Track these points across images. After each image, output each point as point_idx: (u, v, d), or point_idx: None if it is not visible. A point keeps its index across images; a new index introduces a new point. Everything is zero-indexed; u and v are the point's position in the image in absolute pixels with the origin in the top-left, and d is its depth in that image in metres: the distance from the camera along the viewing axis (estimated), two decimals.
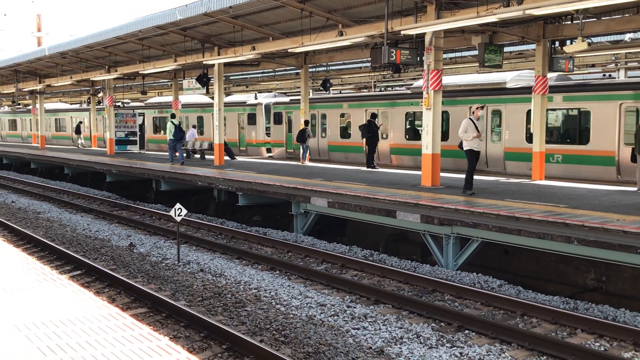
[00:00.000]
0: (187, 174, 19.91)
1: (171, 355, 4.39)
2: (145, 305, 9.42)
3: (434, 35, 15.03)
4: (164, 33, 21.14)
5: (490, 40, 16.28)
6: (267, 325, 8.51)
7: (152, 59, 25.64)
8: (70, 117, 47.70)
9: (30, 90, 39.63)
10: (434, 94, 15.32)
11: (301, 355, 7.44)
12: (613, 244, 9.25)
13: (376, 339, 8.05)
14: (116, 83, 32.83)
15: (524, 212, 11.04)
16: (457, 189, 14.88)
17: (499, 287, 10.56)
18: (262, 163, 24.89)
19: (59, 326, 4.98)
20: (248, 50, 20.62)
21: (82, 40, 25.07)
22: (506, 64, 23.77)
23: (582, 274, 10.98)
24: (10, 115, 56.02)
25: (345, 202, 13.77)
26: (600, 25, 15.44)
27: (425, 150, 15.66)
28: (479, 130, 13.71)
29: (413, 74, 29.38)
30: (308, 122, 24.06)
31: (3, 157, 36.22)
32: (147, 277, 11.33)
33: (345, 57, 22.75)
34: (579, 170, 18.71)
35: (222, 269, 11.72)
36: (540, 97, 16.81)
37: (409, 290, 10.44)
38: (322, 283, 10.90)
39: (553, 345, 7.67)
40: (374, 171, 20.49)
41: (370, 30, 16.10)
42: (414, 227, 12.36)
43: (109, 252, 13.43)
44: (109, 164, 25.14)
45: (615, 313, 9.19)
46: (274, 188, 16.07)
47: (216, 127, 23.79)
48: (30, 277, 6.53)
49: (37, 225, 16.74)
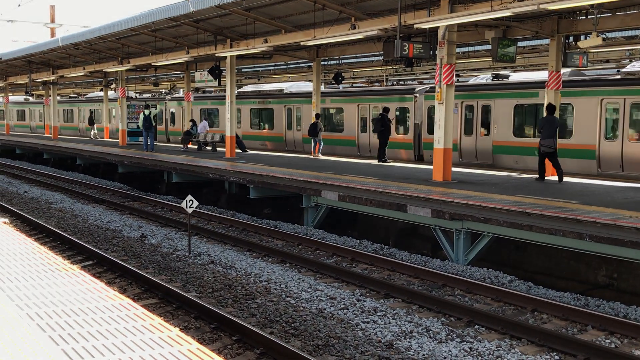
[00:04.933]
0: (199, 166, 19.97)
1: (182, 346, 4.41)
2: (156, 296, 9.48)
3: (447, 29, 14.96)
4: (177, 25, 21.16)
5: (503, 34, 16.18)
6: (277, 318, 8.54)
7: (164, 50, 25.68)
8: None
9: (44, 81, 39.84)
10: (446, 88, 15.26)
11: (311, 348, 7.47)
12: (625, 240, 9.20)
13: (386, 332, 8.06)
14: (129, 75, 32.92)
15: (536, 208, 11.00)
16: (469, 184, 14.84)
17: (509, 283, 10.54)
18: (273, 156, 24.91)
19: (71, 315, 5.02)
20: (260, 43, 20.61)
21: (95, 32, 25.14)
22: (519, 59, 23.72)
23: (594, 271, 10.93)
24: (19, 106, 56.33)
25: (356, 195, 13.76)
26: (615, 20, 15.30)
27: (437, 144, 15.61)
28: None
29: (425, 68, 29.27)
30: (319, 115, 24.05)
31: (16, 147, 36.47)
32: (158, 268, 11.39)
33: (357, 50, 22.69)
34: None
35: (233, 261, 11.76)
36: (554, 92, 16.71)
37: (419, 284, 10.44)
38: (332, 276, 10.92)
39: (563, 341, 7.65)
40: (385, 165, 20.46)
41: (383, 24, 16.05)
42: (424, 222, 12.34)
43: (120, 243, 13.51)
44: (121, 155, 25.25)
45: (626, 310, 9.15)
46: (285, 181, 16.08)
47: (228, 120, 23.81)
48: (43, 267, 6.58)
49: (50, 216, 16.86)
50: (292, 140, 29.94)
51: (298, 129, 29.25)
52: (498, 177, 16.79)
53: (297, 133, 29.39)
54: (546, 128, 15.38)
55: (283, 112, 29.86)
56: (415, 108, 23.59)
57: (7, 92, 48.51)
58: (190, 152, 27.44)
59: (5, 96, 49.11)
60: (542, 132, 15.52)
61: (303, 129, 28.05)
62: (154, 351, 4.31)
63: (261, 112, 31.60)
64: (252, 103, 31.86)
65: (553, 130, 15.39)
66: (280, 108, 29.96)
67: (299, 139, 29.27)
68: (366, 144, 25.86)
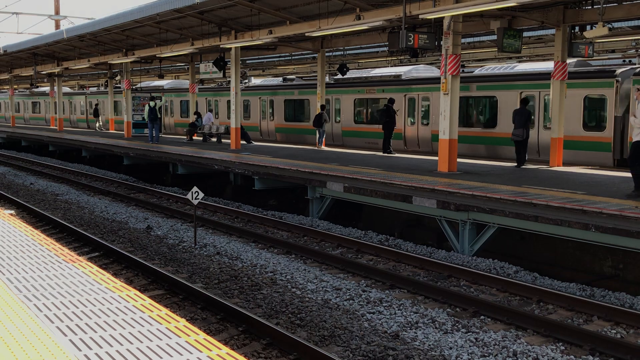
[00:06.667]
0: (204, 158, 19.99)
1: (189, 337, 4.44)
2: (163, 288, 9.52)
3: (452, 20, 14.91)
4: (182, 16, 21.13)
5: (509, 24, 16.12)
6: (282, 309, 8.57)
7: (169, 42, 25.67)
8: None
9: (49, 73, 39.89)
10: (451, 79, 15.22)
11: (317, 338, 7.49)
12: (631, 231, 9.18)
13: (391, 323, 8.08)
14: (133, 66, 32.90)
15: (541, 199, 10.98)
16: (474, 174, 14.82)
17: (515, 274, 10.54)
18: (278, 147, 24.92)
19: (79, 307, 5.05)
20: (265, 34, 20.57)
21: (100, 23, 25.12)
22: (525, 49, 23.65)
23: (599, 261, 10.92)
24: (33, 98, 56.41)
25: (361, 187, 13.77)
26: (622, 10, 15.23)
27: (442, 135, 15.60)
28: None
29: (430, 58, 29.19)
30: (324, 106, 24.00)
31: (22, 139, 36.55)
32: (165, 259, 11.43)
33: (362, 41, 22.65)
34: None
35: (239, 252, 11.79)
36: (560, 82, 16.65)
37: (424, 275, 10.45)
38: (338, 267, 10.94)
39: (569, 331, 7.66)
40: (390, 156, 20.45)
41: (388, 14, 16.00)
42: (430, 213, 12.34)
43: (126, 234, 13.55)
44: (126, 147, 25.29)
45: (632, 300, 9.14)
46: (290, 172, 16.09)
47: (233, 111, 23.81)
48: (50, 259, 6.62)
49: (56, 207, 16.92)
50: (414, 139, 24.16)
51: (425, 123, 23.59)
52: (503, 167, 16.76)
53: (423, 129, 23.61)
54: (517, 119, 16.63)
55: (403, 103, 24.32)
56: (619, 97, 18.01)
57: (12, 84, 48.59)
58: (195, 143, 27.47)
59: (10, 88, 49.18)
60: (514, 122, 16.68)
61: (434, 124, 22.38)
62: (162, 342, 4.34)
63: (368, 103, 26.49)
64: (356, 92, 26.35)
65: (522, 121, 16.50)
66: (396, 97, 23.97)
67: (427, 137, 23.51)
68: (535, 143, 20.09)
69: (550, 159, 17.21)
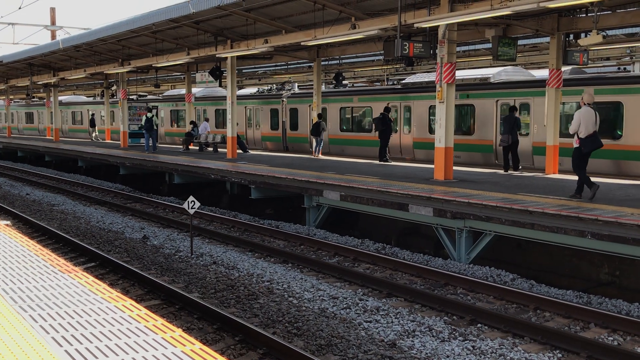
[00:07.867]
0: (200, 167, 19.98)
1: (185, 347, 4.42)
2: (159, 297, 9.49)
3: (447, 28, 14.97)
4: (177, 26, 21.19)
5: (504, 33, 16.20)
6: (279, 318, 8.55)
7: (165, 52, 25.72)
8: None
9: (45, 84, 39.88)
10: (447, 87, 15.27)
11: (314, 348, 7.47)
12: (627, 238, 9.20)
13: (388, 332, 8.07)
14: (129, 76, 32.95)
15: (537, 206, 11.00)
16: (470, 182, 14.83)
17: (511, 281, 10.54)
18: (274, 156, 24.92)
19: (75, 317, 5.03)
20: (261, 44, 20.63)
21: (96, 33, 25.18)
22: (520, 57, 23.75)
23: (596, 268, 10.93)
24: (26, 108, 56.36)
25: (358, 195, 13.77)
26: (615, 17, 15.31)
27: (438, 143, 15.63)
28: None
29: (426, 67, 29.27)
30: (322, 115, 24.04)
31: (18, 149, 36.50)
32: (161, 269, 11.40)
33: (358, 50, 22.72)
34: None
35: (235, 262, 11.77)
36: (555, 90, 16.71)
37: (421, 283, 10.44)
38: (335, 276, 10.93)
39: (566, 339, 7.65)
40: (387, 164, 20.46)
41: (383, 23, 16.06)
42: (426, 221, 12.34)
43: (122, 244, 13.52)
44: (123, 156, 25.27)
45: (629, 307, 9.14)
46: (287, 181, 16.10)
47: (229, 121, 23.83)
48: (45, 269, 6.60)
49: (52, 218, 16.88)
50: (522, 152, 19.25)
51: (525, 133, 19.58)
52: (499, 175, 16.78)
53: (523, 141, 19.33)
54: (504, 125, 17.53)
55: (494, 110, 20.98)
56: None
57: (7, 94, 48.57)
58: (192, 153, 27.46)
59: (6, 99, 49.16)
60: (502, 128, 17.65)
61: (537, 135, 19.40)
62: (157, 352, 4.32)
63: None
64: (430, 98, 22.16)
65: (508, 128, 17.29)
66: (486, 104, 21.24)
67: (528, 149, 19.67)
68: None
69: (546, 167, 17.23)
